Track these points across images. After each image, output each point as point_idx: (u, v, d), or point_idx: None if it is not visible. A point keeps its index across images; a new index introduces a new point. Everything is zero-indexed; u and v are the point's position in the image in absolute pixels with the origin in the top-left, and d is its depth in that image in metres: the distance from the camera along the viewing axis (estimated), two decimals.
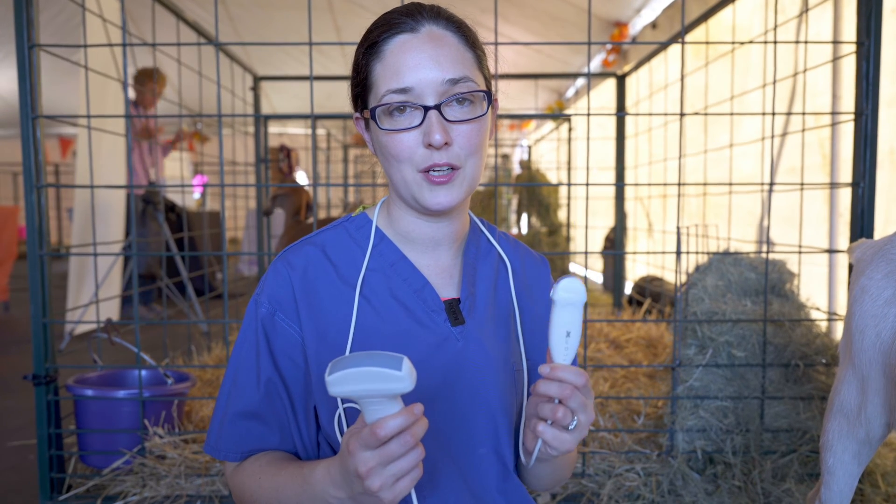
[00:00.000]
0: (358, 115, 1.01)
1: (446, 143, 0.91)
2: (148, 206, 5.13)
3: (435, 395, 0.95)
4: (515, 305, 1.06)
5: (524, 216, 7.22)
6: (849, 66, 2.80)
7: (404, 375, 0.72)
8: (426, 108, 0.91)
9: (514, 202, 7.54)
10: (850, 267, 2.12)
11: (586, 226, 2.28)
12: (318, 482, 0.85)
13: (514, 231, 7.77)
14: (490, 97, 0.96)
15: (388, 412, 0.75)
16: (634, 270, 6.11)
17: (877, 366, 1.33)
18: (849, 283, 1.54)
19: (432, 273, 1.03)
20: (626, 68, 4.92)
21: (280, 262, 1.01)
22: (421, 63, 0.91)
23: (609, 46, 6.08)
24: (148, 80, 5.07)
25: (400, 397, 0.76)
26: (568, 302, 0.84)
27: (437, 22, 0.94)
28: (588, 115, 2.14)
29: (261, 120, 5.00)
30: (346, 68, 1.09)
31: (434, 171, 0.92)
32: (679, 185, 2.23)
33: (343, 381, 0.73)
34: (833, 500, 1.43)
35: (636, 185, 2.27)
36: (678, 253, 2.30)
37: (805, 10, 2.57)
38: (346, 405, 0.94)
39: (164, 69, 5.37)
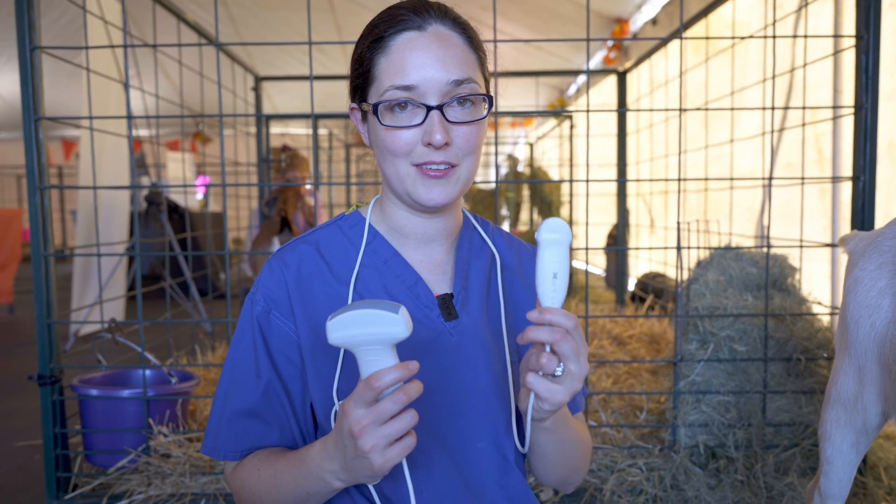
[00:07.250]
0: (354, 105, 1.00)
1: (446, 144, 0.91)
2: (151, 206, 5.15)
3: (431, 390, 0.95)
4: (501, 299, 1.05)
5: (524, 213, 7.21)
6: (849, 60, 2.80)
7: (400, 319, 0.74)
8: (429, 108, 0.91)
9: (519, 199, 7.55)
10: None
11: (587, 223, 2.28)
12: (313, 459, 0.86)
13: (516, 229, 7.77)
14: (491, 101, 0.96)
15: (383, 365, 0.76)
16: (637, 267, 6.11)
17: (872, 355, 1.34)
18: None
19: (425, 269, 1.03)
20: (627, 65, 4.92)
21: (274, 260, 1.01)
22: (426, 62, 0.90)
23: (610, 43, 6.08)
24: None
25: (396, 353, 0.77)
26: (552, 241, 0.80)
27: (444, 22, 0.94)
28: (588, 111, 2.15)
29: (262, 120, 5.01)
30: (347, 68, 1.09)
31: (430, 165, 0.92)
32: (679, 180, 2.24)
33: (342, 324, 0.75)
34: (832, 490, 1.44)
35: (637, 180, 2.28)
36: (679, 248, 2.30)
37: (805, 4, 2.57)
38: (342, 402, 0.95)
39: (165, 69, 5.35)
